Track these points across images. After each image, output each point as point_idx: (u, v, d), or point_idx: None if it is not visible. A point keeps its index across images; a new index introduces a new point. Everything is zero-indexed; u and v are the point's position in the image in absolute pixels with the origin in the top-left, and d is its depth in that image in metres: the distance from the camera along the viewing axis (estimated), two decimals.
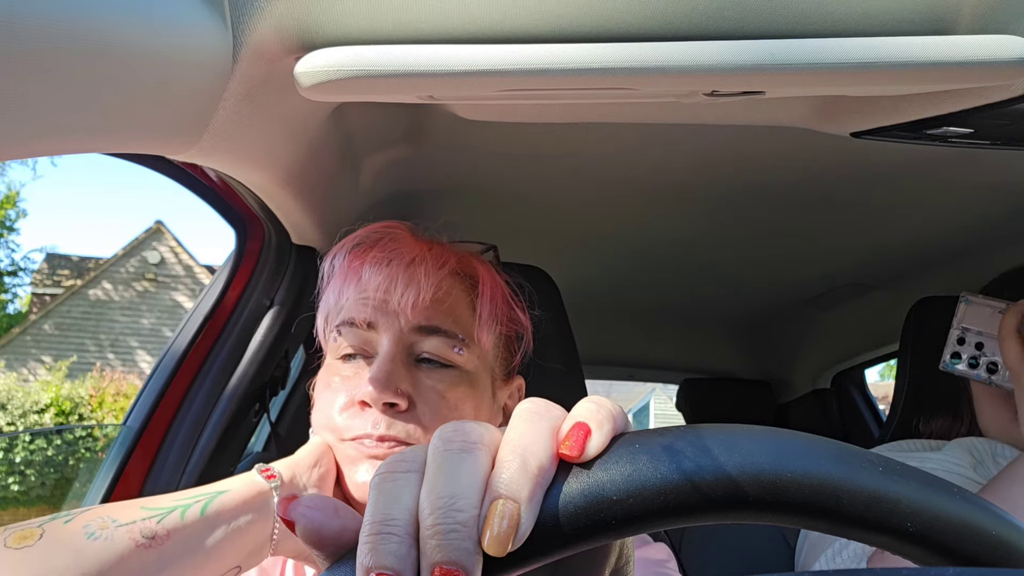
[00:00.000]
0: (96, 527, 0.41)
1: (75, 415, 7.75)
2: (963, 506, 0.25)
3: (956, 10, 0.45)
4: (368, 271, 0.57)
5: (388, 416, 0.54)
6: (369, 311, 0.57)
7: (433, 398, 0.56)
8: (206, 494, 0.47)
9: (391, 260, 0.57)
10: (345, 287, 0.58)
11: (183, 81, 0.42)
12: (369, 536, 0.22)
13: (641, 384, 2.31)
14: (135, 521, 0.42)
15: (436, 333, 0.57)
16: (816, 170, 0.88)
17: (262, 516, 0.48)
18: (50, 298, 12.05)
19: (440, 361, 0.57)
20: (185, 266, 11.89)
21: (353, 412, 0.55)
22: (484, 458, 0.23)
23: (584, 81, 0.44)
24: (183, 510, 0.44)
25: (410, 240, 0.61)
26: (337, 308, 0.59)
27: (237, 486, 0.48)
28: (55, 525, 0.41)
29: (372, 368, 0.55)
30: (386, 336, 0.56)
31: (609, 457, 0.25)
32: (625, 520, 0.24)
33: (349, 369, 0.58)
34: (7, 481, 6.35)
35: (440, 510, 0.22)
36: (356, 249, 0.60)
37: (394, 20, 0.44)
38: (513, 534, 0.22)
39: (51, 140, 0.36)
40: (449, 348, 0.58)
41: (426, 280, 0.57)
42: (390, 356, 0.55)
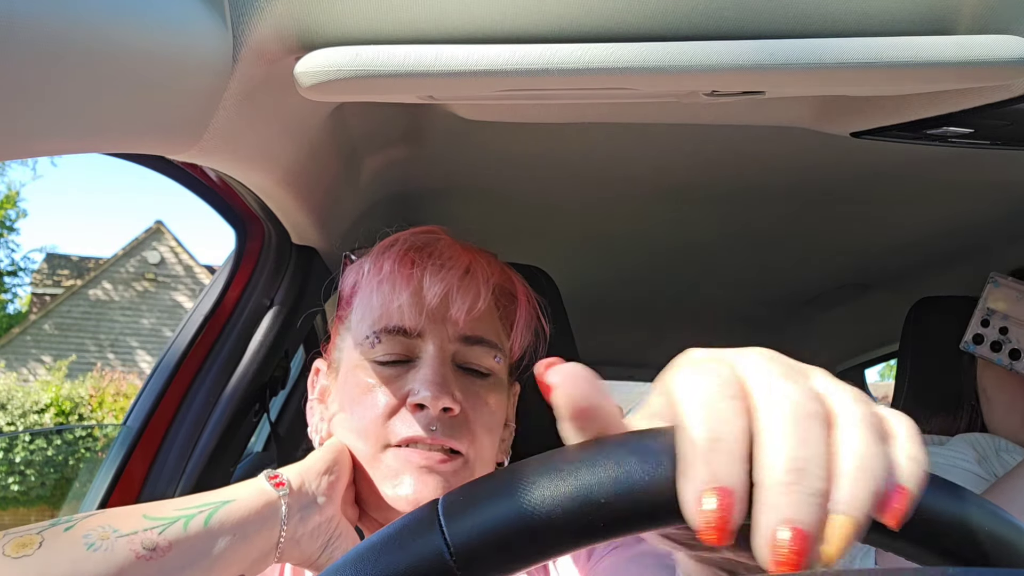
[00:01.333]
0: (96, 537, 0.40)
1: (75, 415, 7.75)
2: (962, 506, 0.25)
3: (956, 10, 0.45)
4: (428, 278, 0.56)
5: (443, 421, 0.53)
6: (422, 319, 0.56)
7: (478, 404, 0.56)
8: (211, 504, 0.45)
9: (449, 268, 0.57)
10: (397, 292, 0.56)
11: (183, 81, 0.42)
12: (705, 451, 0.22)
13: (641, 384, 2.31)
14: (136, 532, 0.42)
15: (480, 343, 0.58)
16: (816, 170, 0.88)
17: (269, 525, 0.47)
18: (50, 298, 12.05)
19: (480, 370, 0.58)
20: (185, 266, 11.89)
21: (402, 416, 0.54)
22: (826, 433, 0.22)
23: (584, 81, 0.44)
24: (186, 521, 0.43)
25: (459, 248, 0.60)
26: (383, 313, 0.57)
27: (244, 495, 0.47)
28: (55, 532, 0.40)
29: (425, 371, 0.54)
30: (432, 343, 0.56)
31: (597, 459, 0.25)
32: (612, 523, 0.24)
33: (389, 371, 0.56)
34: (7, 481, 6.35)
35: (802, 471, 0.21)
36: (407, 254, 0.58)
37: (394, 20, 0.44)
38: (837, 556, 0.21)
39: (51, 140, 0.36)
40: (491, 357, 0.58)
41: (484, 289, 0.57)
42: (440, 360, 0.55)
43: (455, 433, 0.54)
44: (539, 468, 0.26)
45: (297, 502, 0.49)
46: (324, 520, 0.51)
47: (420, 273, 0.56)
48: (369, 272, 0.59)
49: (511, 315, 0.63)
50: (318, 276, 0.88)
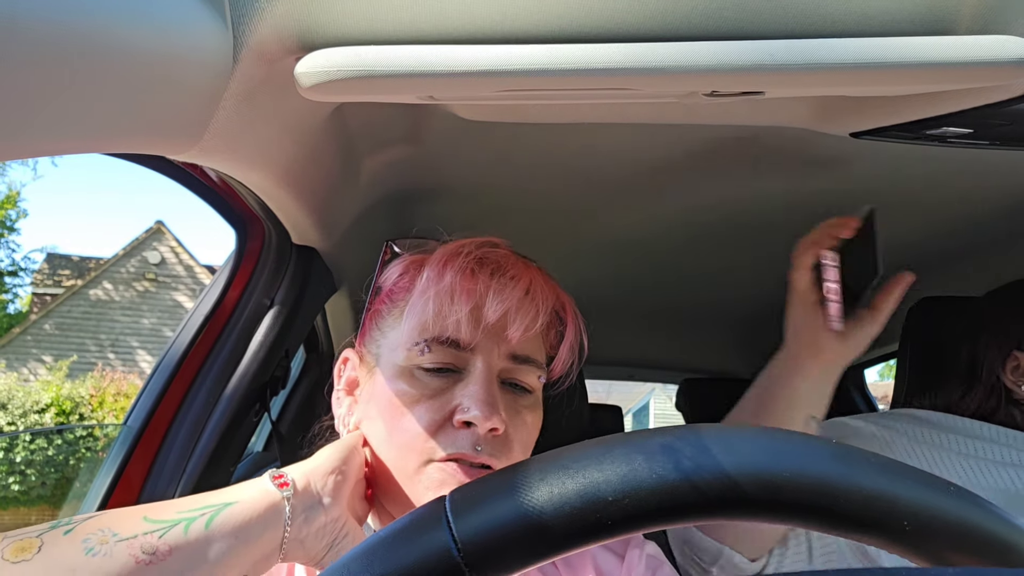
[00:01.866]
0: (96, 541, 0.40)
1: (76, 415, 7.75)
2: (961, 505, 0.25)
3: (955, 10, 0.45)
4: (491, 296, 0.55)
5: (489, 442, 0.53)
6: (479, 335, 0.55)
7: (519, 423, 0.56)
8: (213, 506, 0.45)
9: (512, 287, 0.56)
10: (457, 305, 0.55)
11: (184, 81, 0.42)
12: None
13: (641, 384, 2.31)
14: (136, 535, 0.41)
15: (527, 362, 0.58)
16: (815, 170, 0.88)
17: (272, 527, 0.47)
18: (51, 298, 12.06)
19: (525, 387, 0.58)
20: (186, 266, 11.89)
21: (447, 432, 0.54)
22: None
23: (584, 81, 0.44)
24: (187, 524, 0.43)
25: (521, 265, 0.60)
26: (440, 322, 0.55)
27: (247, 497, 0.47)
28: (54, 536, 0.40)
29: (476, 388, 0.54)
30: (482, 359, 0.55)
31: (604, 457, 0.25)
32: (620, 520, 0.24)
33: (436, 383, 0.55)
34: (8, 480, 6.35)
35: None
36: (470, 266, 0.57)
37: (394, 20, 0.44)
38: None
39: (52, 140, 0.36)
40: (535, 376, 0.59)
41: (542, 310, 0.57)
42: (489, 378, 0.55)
43: (497, 452, 0.54)
44: (547, 465, 0.26)
45: (302, 503, 0.49)
46: (329, 520, 0.50)
47: (484, 289, 0.56)
48: (429, 278, 0.57)
49: (555, 337, 0.63)
50: (318, 276, 0.89)
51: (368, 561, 0.25)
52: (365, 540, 0.27)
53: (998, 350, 0.86)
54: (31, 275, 13.36)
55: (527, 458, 0.27)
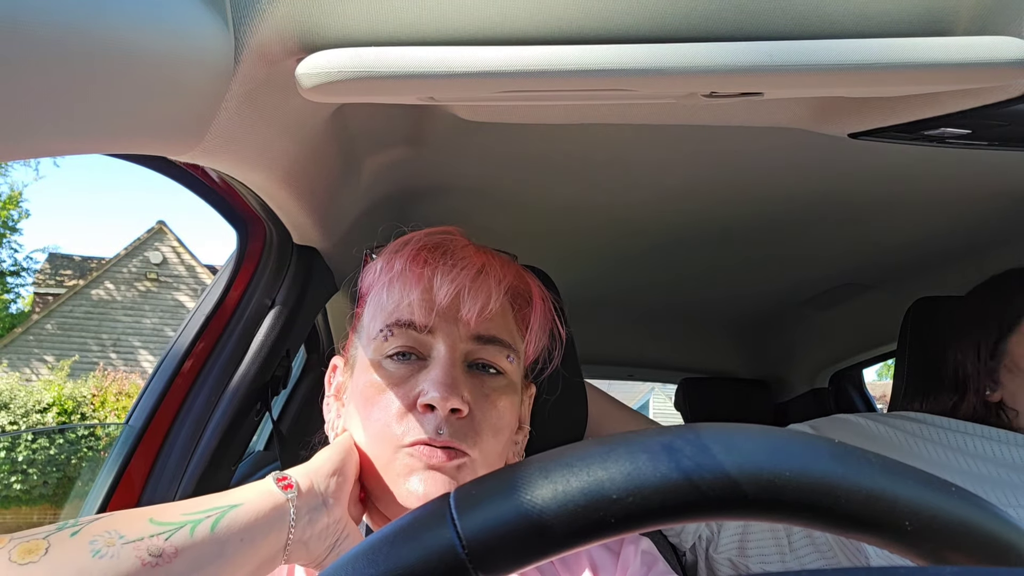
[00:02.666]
0: (102, 543, 0.40)
1: (77, 414, 7.76)
2: (961, 505, 0.25)
3: (954, 12, 0.46)
4: (438, 277, 0.56)
5: (451, 423, 0.54)
6: (432, 316, 0.56)
7: (486, 405, 0.56)
8: (218, 508, 0.45)
9: (460, 268, 0.57)
10: (408, 290, 0.57)
11: (185, 82, 0.42)
12: None
13: (640, 383, 2.31)
14: (142, 538, 0.41)
15: (492, 342, 0.58)
16: (814, 171, 0.88)
17: (277, 528, 0.47)
18: (53, 298, 12.07)
19: (493, 368, 0.58)
20: (187, 266, 11.90)
21: (413, 416, 0.54)
22: None
23: (583, 83, 0.44)
24: (193, 526, 0.43)
25: (473, 249, 0.61)
26: (394, 308, 0.57)
27: (251, 498, 0.47)
28: (61, 538, 0.40)
29: (436, 372, 0.54)
30: (443, 342, 0.56)
31: (609, 455, 0.25)
32: (624, 518, 0.24)
33: (401, 371, 0.56)
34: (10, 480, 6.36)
35: None
36: (420, 253, 0.59)
37: (395, 22, 0.44)
38: None
39: (54, 141, 0.37)
40: (503, 357, 0.59)
41: (495, 291, 0.57)
42: (451, 360, 0.55)
43: (461, 435, 0.54)
44: (551, 464, 0.26)
45: (306, 504, 0.49)
46: (332, 521, 0.51)
47: (431, 272, 0.57)
48: (381, 270, 0.59)
49: (526, 317, 0.63)
50: (319, 276, 0.89)
51: (372, 559, 0.25)
52: (369, 538, 0.27)
53: (976, 357, 0.87)
54: (33, 275, 13.37)
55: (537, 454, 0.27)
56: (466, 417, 0.55)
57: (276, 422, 0.90)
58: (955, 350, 0.89)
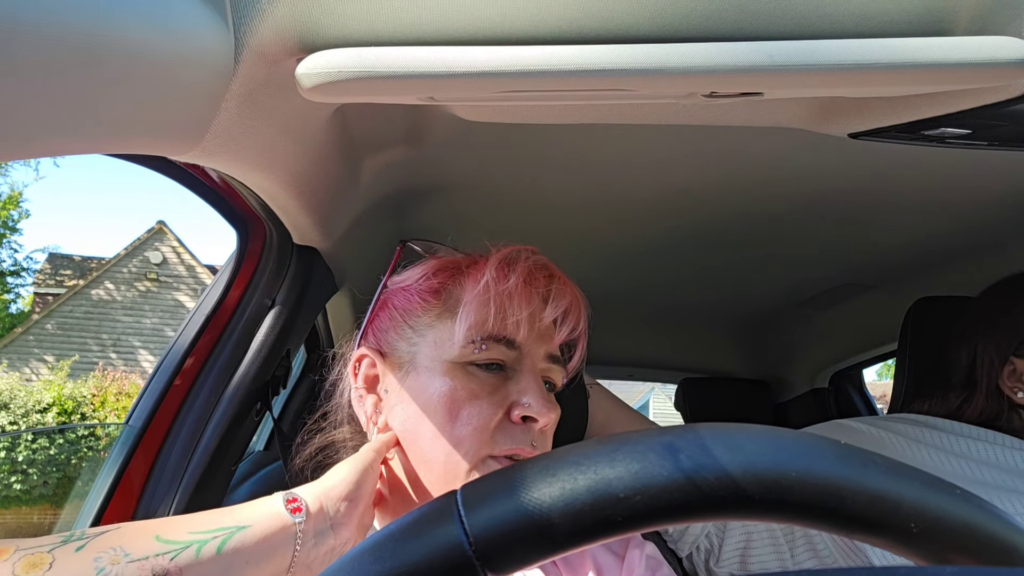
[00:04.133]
0: (107, 561, 0.40)
1: (77, 414, 7.76)
2: (965, 507, 0.25)
3: (954, 12, 0.46)
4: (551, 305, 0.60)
5: (538, 436, 0.57)
6: (532, 338, 0.59)
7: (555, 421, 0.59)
8: (226, 529, 0.45)
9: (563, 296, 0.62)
10: (517, 308, 0.59)
11: (185, 83, 0.42)
12: None
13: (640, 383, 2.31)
14: (147, 556, 0.41)
15: (559, 363, 0.62)
16: (814, 171, 0.88)
17: (282, 551, 0.47)
18: (53, 298, 12.07)
19: (554, 386, 0.63)
20: (187, 266, 11.90)
21: (505, 426, 0.56)
22: None
23: (583, 83, 0.44)
24: (199, 547, 0.43)
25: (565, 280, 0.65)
26: (496, 322, 0.59)
27: (260, 519, 0.47)
28: (66, 552, 0.40)
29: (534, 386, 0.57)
30: (529, 358, 0.59)
31: (616, 454, 0.25)
32: (630, 517, 0.24)
33: (492, 380, 0.58)
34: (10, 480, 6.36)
35: None
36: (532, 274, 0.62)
37: (395, 22, 0.44)
38: None
39: (54, 141, 0.37)
40: (561, 377, 0.63)
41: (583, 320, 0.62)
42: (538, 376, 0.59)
43: (544, 446, 0.57)
44: (558, 462, 0.26)
45: (313, 527, 0.49)
46: (338, 544, 0.50)
47: (543, 294, 0.61)
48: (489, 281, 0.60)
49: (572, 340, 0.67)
50: (319, 276, 0.89)
51: (378, 555, 0.25)
52: (375, 534, 0.27)
53: (995, 354, 0.85)
54: (33, 275, 13.38)
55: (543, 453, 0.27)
56: (547, 431, 0.58)
57: (277, 421, 0.90)
58: (969, 348, 0.87)
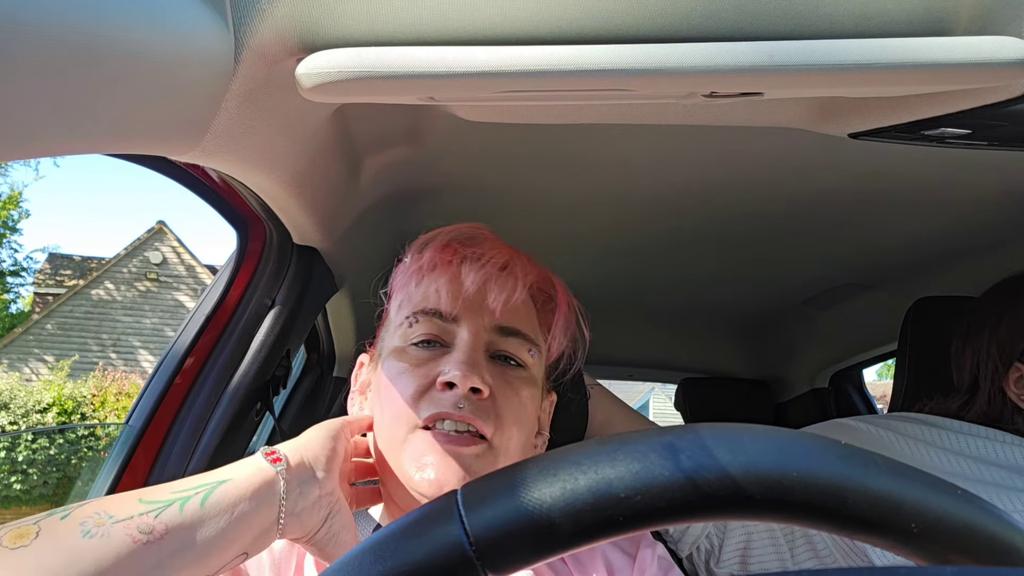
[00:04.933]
0: (92, 524, 0.40)
1: (77, 414, 7.76)
2: (967, 508, 0.25)
3: (954, 12, 0.46)
4: (466, 267, 0.58)
5: (471, 401, 0.54)
6: (459, 305, 0.58)
7: (508, 392, 0.57)
8: (207, 484, 0.46)
9: (488, 259, 0.59)
10: (435, 278, 0.59)
11: (185, 83, 0.42)
12: None
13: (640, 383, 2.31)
14: (132, 516, 0.41)
15: (515, 335, 0.59)
16: (814, 171, 0.88)
17: (268, 501, 0.47)
18: (53, 298, 12.07)
19: (516, 360, 0.59)
20: (187, 266, 11.90)
21: (431, 395, 0.55)
22: None
23: (583, 83, 0.44)
24: (182, 503, 0.43)
25: (502, 245, 0.62)
26: (421, 297, 0.59)
27: (240, 473, 0.47)
28: (51, 522, 0.40)
29: (458, 353, 0.56)
30: (467, 330, 0.57)
31: (617, 454, 0.25)
32: (631, 517, 0.24)
33: (424, 355, 0.57)
34: (10, 480, 6.36)
35: None
36: (449, 244, 0.61)
37: (395, 22, 0.44)
38: None
39: (54, 141, 0.37)
40: (525, 350, 0.60)
41: (519, 284, 0.59)
42: (473, 345, 0.57)
43: (481, 414, 0.54)
44: (558, 461, 0.26)
45: (296, 477, 0.49)
46: (324, 494, 0.51)
47: (459, 262, 0.59)
48: (410, 260, 0.61)
49: (549, 318, 0.65)
50: (319, 276, 0.89)
51: (380, 554, 0.25)
52: (376, 533, 0.27)
53: (999, 357, 0.84)
54: (33, 275, 13.39)
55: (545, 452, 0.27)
56: (487, 399, 0.55)
57: (277, 421, 0.90)
58: (972, 350, 0.87)
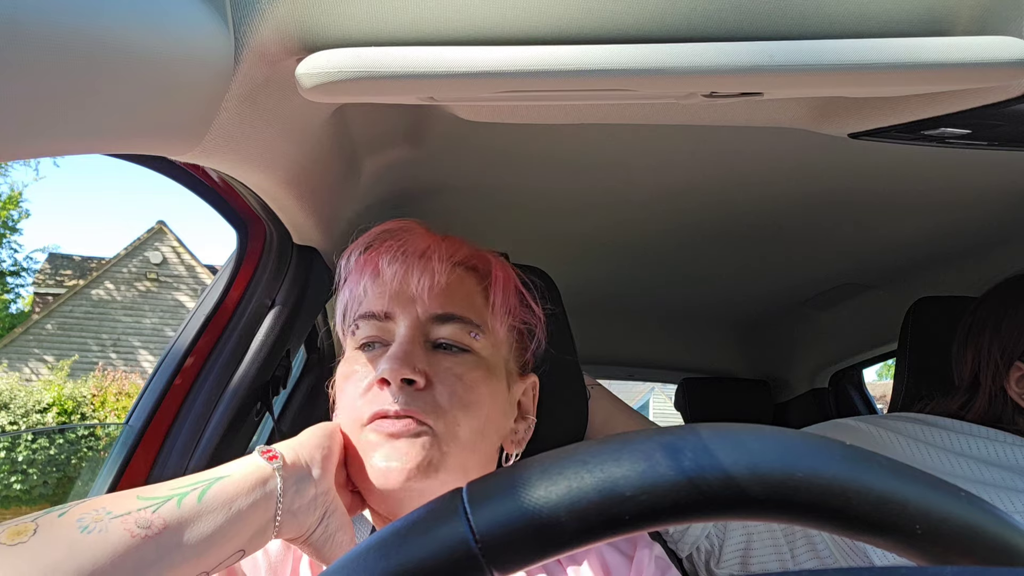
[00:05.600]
0: (90, 520, 0.40)
1: (77, 414, 7.76)
2: (971, 509, 0.25)
3: (954, 11, 0.46)
4: (384, 261, 0.58)
5: (406, 393, 0.55)
6: (387, 301, 0.58)
7: (450, 379, 0.57)
8: (204, 480, 0.46)
9: (406, 250, 0.59)
10: (361, 280, 0.60)
11: (185, 83, 0.42)
12: None
13: (640, 383, 2.31)
14: (130, 512, 0.42)
15: (452, 320, 0.59)
16: (814, 171, 0.88)
17: (264, 499, 0.47)
18: (53, 298, 12.07)
19: (457, 345, 0.59)
20: (187, 266, 11.90)
21: (372, 393, 0.56)
22: None
23: (583, 83, 0.44)
24: (180, 498, 0.44)
25: (423, 233, 0.63)
26: (355, 302, 0.60)
27: (237, 470, 0.48)
28: (49, 519, 0.40)
29: (392, 349, 0.56)
30: (403, 323, 0.58)
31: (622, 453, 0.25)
32: (636, 516, 0.24)
33: (366, 357, 0.59)
34: (10, 480, 6.36)
35: None
36: (371, 246, 0.61)
37: (395, 22, 0.44)
38: None
39: (54, 141, 0.37)
40: (466, 333, 0.59)
41: (440, 266, 0.58)
42: (408, 338, 0.57)
43: (419, 403, 0.55)
44: (564, 459, 0.26)
45: (292, 475, 0.50)
46: (320, 492, 0.51)
47: (376, 257, 0.59)
48: (342, 268, 0.63)
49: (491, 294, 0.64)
50: (319, 276, 0.89)
51: (384, 552, 0.25)
52: (380, 531, 0.27)
53: (1000, 357, 0.83)
54: (33, 275, 13.39)
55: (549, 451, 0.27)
56: (424, 389, 0.55)
57: (277, 421, 0.90)
58: (973, 350, 0.86)
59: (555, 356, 0.79)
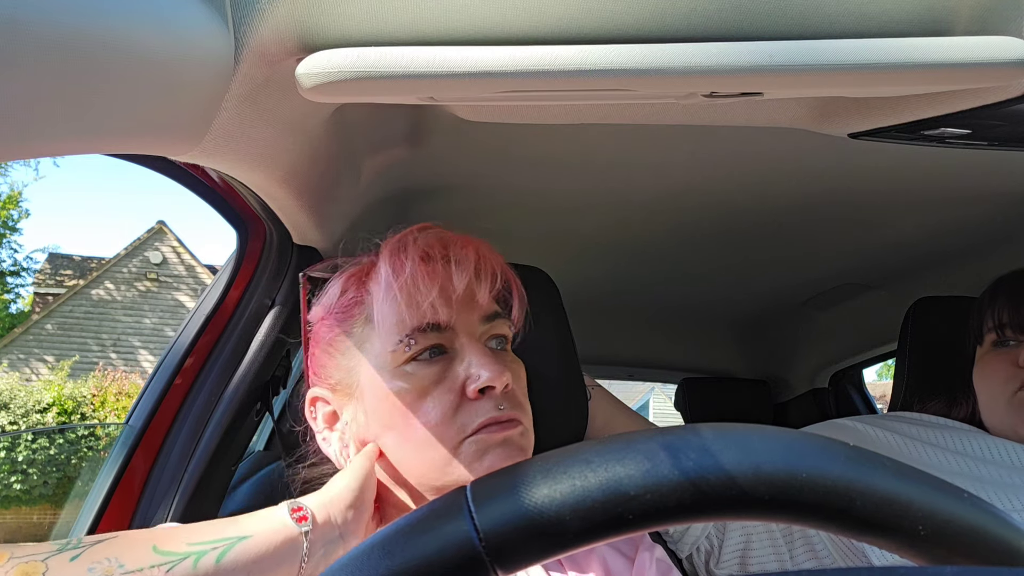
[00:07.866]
0: (101, 572, 0.39)
1: (77, 414, 7.77)
2: (974, 511, 0.25)
3: (954, 12, 0.46)
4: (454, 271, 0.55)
5: (507, 396, 0.55)
6: (455, 311, 0.56)
7: (515, 376, 0.58)
8: (226, 540, 0.43)
9: (465, 258, 0.57)
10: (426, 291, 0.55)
11: (185, 83, 0.42)
12: None
13: (640, 383, 2.31)
14: (143, 568, 0.40)
15: (498, 317, 0.59)
16: (814, 171, 0.88)
17: (288, 563, 0.45)
18: (53, 298, 12.07)
19: (504, 339, 0.60)
20: (187, 266, 11.90)
21: (465, 407, 0.54)
22: None
23: (583, 83, 0.44)
24: (197, 558, 0.42)
25: (461, 237, 0.61)
26: (413, 313, 0.55)
27: (263, 530, 0.45)
28: (61, 562, 0.39)
29: (475, 358, 0.54)
30: (464, 331, 0.56)
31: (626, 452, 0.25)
32: (641, 515, 0.24)
33: (433, 369, 0.55)
34: (10, 480, 6.36)
35: None
36: (421, 250, 0.57)
37: (395, 22, 0.44)
38: None
39: (54, 141, 0.37)
40: (507, 327, 0.60)
41: (498, 269, 0.59)
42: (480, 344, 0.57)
43: (516, 407, 0.55)
44: (568, 459, 0.26)
45: (321, 538, 0.47)
46: None
47: (444, 266, 0.56)
48: (388, 276, 0.56)
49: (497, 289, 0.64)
50: None
51: (388, 550, 0.25)
52: (384, 528, 0.26)
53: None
54: (33, 275, 13.39)
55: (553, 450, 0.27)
56: (511, 389, 0.56)
57: (277, 421, 0.90)
58: (973, 349, 0.87)
59: (556, 356, 0.79)
